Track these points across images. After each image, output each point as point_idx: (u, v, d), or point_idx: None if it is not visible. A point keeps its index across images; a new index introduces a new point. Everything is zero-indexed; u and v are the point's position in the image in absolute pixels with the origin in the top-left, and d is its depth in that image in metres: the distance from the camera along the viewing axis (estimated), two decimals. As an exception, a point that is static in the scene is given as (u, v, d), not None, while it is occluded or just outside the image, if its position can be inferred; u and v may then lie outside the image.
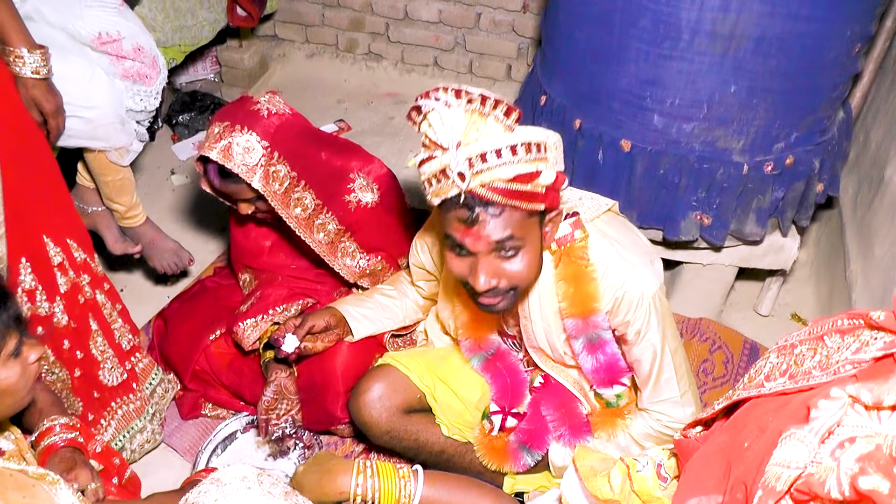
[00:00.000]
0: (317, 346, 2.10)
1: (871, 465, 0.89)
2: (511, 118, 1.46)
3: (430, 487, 1.57)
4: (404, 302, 2.24)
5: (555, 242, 1.74)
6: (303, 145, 2.11)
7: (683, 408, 1.85)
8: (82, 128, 2.12)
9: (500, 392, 2.04)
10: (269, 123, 2.03)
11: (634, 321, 1.76)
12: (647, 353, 1.80)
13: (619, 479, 1.64)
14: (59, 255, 1.94)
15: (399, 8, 3.86)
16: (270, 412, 2.13)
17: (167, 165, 3.48)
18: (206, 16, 3.21)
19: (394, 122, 3.78)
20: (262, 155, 2.00)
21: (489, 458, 2.01)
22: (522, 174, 1.48)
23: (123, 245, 2.53)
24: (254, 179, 1.99)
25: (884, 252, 2.40)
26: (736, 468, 1.13)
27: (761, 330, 2.78)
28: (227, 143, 1.98)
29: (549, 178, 1.51)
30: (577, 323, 1.80)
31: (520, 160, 1.48)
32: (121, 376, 2.15)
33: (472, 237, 1.55)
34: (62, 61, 1.97)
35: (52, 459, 1.65)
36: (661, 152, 2.27)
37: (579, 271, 1.74)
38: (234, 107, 2.09)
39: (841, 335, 1.09)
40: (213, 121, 2.05)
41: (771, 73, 2.10)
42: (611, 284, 1.74)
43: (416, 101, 1.50)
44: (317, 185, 2.14)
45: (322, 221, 2.18)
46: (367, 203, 2.24)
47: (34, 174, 1.87)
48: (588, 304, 1.76)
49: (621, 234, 1.82)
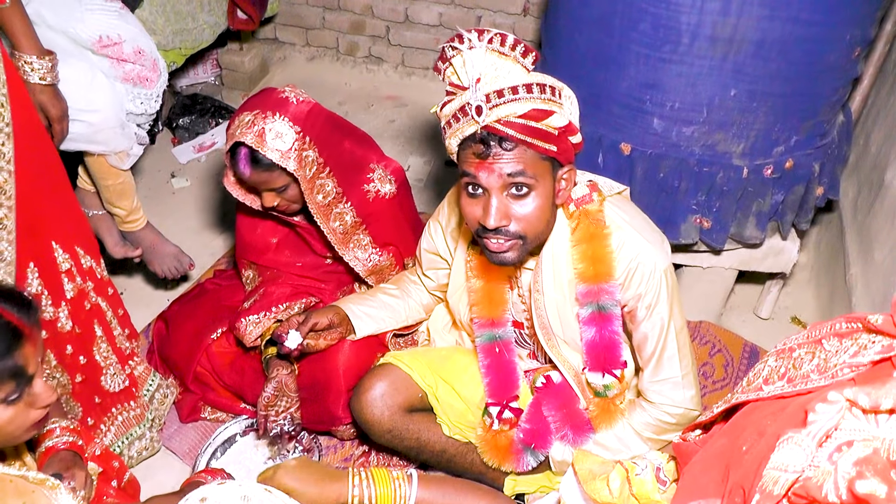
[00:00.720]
0: (319, 344, 2.10)
1: (869, 468, 0.89)
2: (528, 59, 1.59)
3: (426, 490, 1.57)
4: (407, 301, 2.24)
5: (573, 203, 1.80)
6: (329, 132, 2.13)
7: (683, 390, 1.85)
8: (83, 131, 2.13)
9: (492, 385, 2.02)
10: (299, 109, 2.05)
11: (646, 293, 1.79)
12: (654, 328, 1.82)
13: (617, 482, 1.64)
14: (67, 262, 1.94)
15: (399, 11, 3.86)
16: (270, 409, 2.13)
17: (167, 169, 3.49)
18: (207, 19, 3.21)
19: (394, 124, 3.78)
20: (295, 139, 2.01)
21: (491, 456, 2.01)
22: (536, 110, 1.57)
23: (124, 249, 2.54)
24: (288, 164, 2.00)
25: (884, 256, 2.40)
26: (734, 472, 1.13)
27: (761, 333, 2.78)
28: (260, 128, 1.98)
29: (560, 121, 1.61)
30: (589, 288, 1.81)
31: (534, 98, 1.58)
32: (122, 383, 2.15)
33: (486, 171, 1.63)
34: (63, 65, 1.97)
35: (50, 461, 1.65)
36: (661, 156, 2.27)
37: (596, 232, 1.79)
38: (260, 96, 2.09)
39: (839, 339, 1.09)
40: (241, 110, 2.05)
41: (771, 77, 2.11)
42: (625, 256, 1.78)
43: (442, 48, 1.64)
44: (339, 173, 2.15)
45: (340, 211, 2.19)
46: (385, 194, 2.26)
47: (45, 179, 1.87)
48: (602, 266, 1.79)
49: (634, 212, 1.89)
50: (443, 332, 2.24)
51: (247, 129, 1.99)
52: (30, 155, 1.78)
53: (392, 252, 2.35)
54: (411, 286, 2.26)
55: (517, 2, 3.65)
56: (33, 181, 1.81)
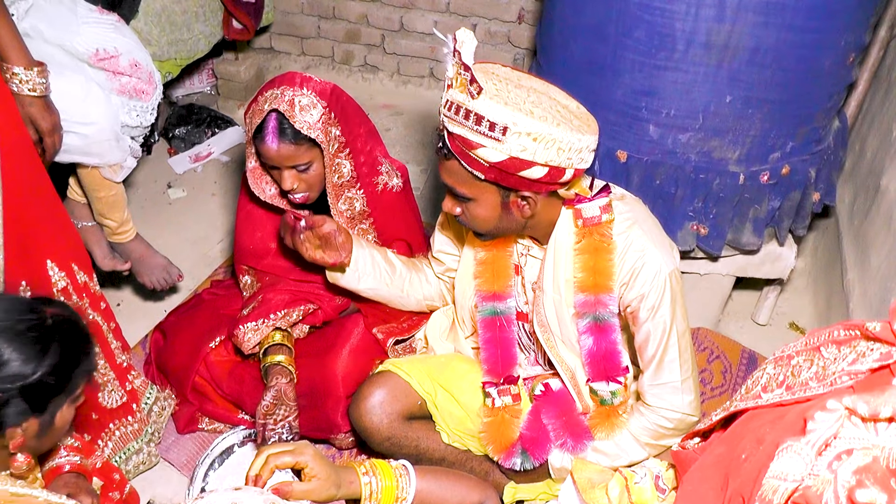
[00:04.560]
0: (315, 254, 2.06)
1: (869, 477, 0.89)
2: (473, 87, 1.58)
3: (422, 480, 1.56)
4: (413, 273, 2.23)
5: (581, 220, 1.79)
6: (350, 113, 2.13)
7: (682, 395, 1.84)
8: (77, 143, 2.12)
9: (490, 361, 2.01)
10: (323, 87, 2.06)
11: (649, 294, 1.78)
12: (656, 330, 1.81)
13: (616, 490, 1.64)
14: (63, 280, 1.92)
15: (394, 19, 3.87)
16: (268, 417, 2.12)
17: (164, 179, 3.48)
18: (202, 29, 3.22)
19: (390, 133, 3.78)
20: (322, 113, 2.01)
21: (494, 441, 2.00)
22: (463, 138, 1.62)
23: (113, 262, 2.53)
24: (317, 135, 2.00)
25: (880, 261, 2.41)
26: (733, 480, 1.13)
27: (759, 339, 2.79)
28: (290, 97, 1.99)
29: (494, 156, 1.60)
30: (588, 298, 1.82)
31: (466, 126, 1.60)
32: (120, 399, 2.13)
33: (440, 168, 1.74)
34: (59, 78, 1.96)
35: (55, 482, 1.65)
36: (657, 163, 2.28)
37: (601, 246, 1.79)
38: (281, 77, 2.08)
39: (837, 346, 1.09)
40: (265, 88, 2.05)
41: (766, 84, 2.11)
42: (631, 256, 1.79)
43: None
44: (356, 157, 2.15)
45: (352, 195, 2.19)
46: (394, 187, 2.27)
47: (36, 196, 1.85)
48: (603, 277, 1.79)
49: (646, 215, 1.89)
50: (441, 339, 2.24)
51: (278, 99, 1.99)
52: (18, 173, 1.77)
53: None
54: (416, 274, 2.25)
55: (512, 10, 3.66)
56: (22, 199, 1.79)
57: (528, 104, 1.60)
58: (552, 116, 1.60)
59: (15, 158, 1.76)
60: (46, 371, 1.33)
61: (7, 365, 1.30)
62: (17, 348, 1.31)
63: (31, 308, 1.37)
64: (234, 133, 3.70)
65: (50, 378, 1.34)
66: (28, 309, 1.36)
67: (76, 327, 1.43)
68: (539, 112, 1.59)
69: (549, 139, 1.58)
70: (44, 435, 1.41)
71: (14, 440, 1.34)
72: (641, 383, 1.89)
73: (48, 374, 1.34)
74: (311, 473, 1.41)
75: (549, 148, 1.59)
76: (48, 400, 1.37)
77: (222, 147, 3.64)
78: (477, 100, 1.57)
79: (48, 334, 1.36)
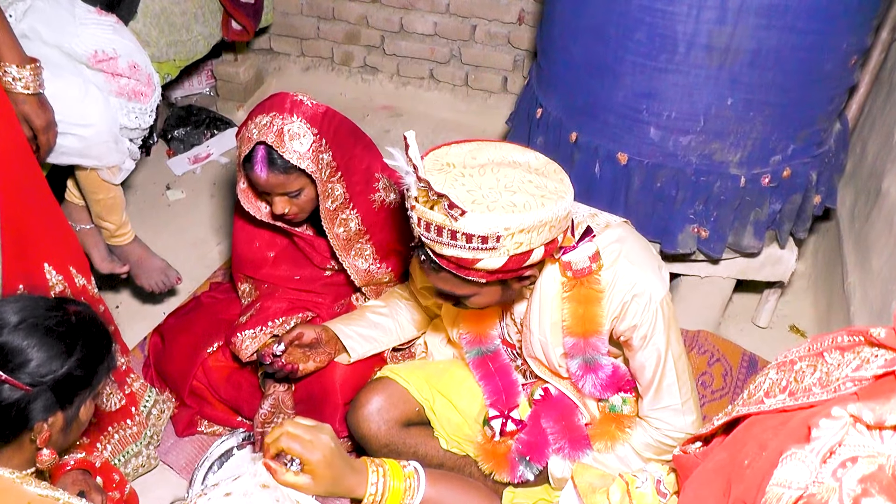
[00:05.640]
0: (308, 367, 2.09)
1: (874, 485, 0.88)
2: (454, 211, 1.45)
3: (431, 487, 1.55)
4: (397, 319, 2.23)
5: (570, 271, 1.73)
6: (343, 136, 2.11)
7: (684, 416, 1.84)
8: (76, 146, 2.11)
9: (491, 394, 2.02)
10: (314, 111, 2.02)
11: (641, 325, 1.76)
12: (651, 358, 1.80)
13: (617, 495, 1.63)
14: (60, 283, 1.92)
15: (394, 21, 3.86)
16: (266, 425, 2.12)
17: (162, 181, 3.48)
18: (201, 30, 3.21)
19: (389, 135, 3.78)
20: (313, 141, 1.98)
21: (488, 464, 1.99)
22: (457, 257, 1.53)
23: (111, 265, 2.52)
24: (308, 165, 1.98)
25: (881, 264, 2.40)
26: (736, 487, 1.12)
27: (760, 342, 2.78)
28: (279, 128, 1.96)
29: (492, 264, 1.53)
30: (577, 342, 1.80)
31: (457, 246, 1.51)
32: (119, 402, 2.13)
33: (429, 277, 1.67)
34: (57, 79, 1.96)
35: (63, 480, 1.67)
36: (658, 165, 2.27)
37: (590, 295, 1.75)
38: (272, 100, 2.05)
39: (841, 352, 1.08)
40: (255, 114, 2.02)
41: (767, 86, 2.10)
42: (619, 290, 1.75)
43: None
44: (348, 178, 2.13)
45: (346, 217, 2.17)
46: (391, 203, 2.25)
47: (33, 199, 1.85)
48: (591, 325, 1.77)
49: (632, 239, 1.82)
50: (441, 345, 2.23)
51: (266, 129, 1.96)
52: (15, 176, 1.76)
53: (392, 266, 2.34)
54: (401, 302, 2.25)
55: (512, 11, 3.65)
56: (19, 202, 1.78)
57: (505, 195, 1.51)
58: (531, 196, 1.53)
59: (11, 161, 1.75)
60: (74, 365, 1.38)
61: (37, 359, 1.34)
62: (46, 344, 1.35)
63: (55, 306, 1.41)
64: (234, 135, 3.68)
65: (78, 371, 1.38)
66: (52, 307, 1.41)
67: (98, 324, 1.47)
68: (519, 199, 1.51)
69: (540, 225, 1.53)
70: (68, 429, 1.45)
71: (42, 434, 1.37)
72: (642, 409, 1.89)
73: (76, 368, 1.38)
74: (309, 470, 1.41)
75: (541, 232, 1.54)
76: (75, 394, 1.41)
77: (221, 149, 3.63)
78: (460, 221, 1.47)
79: (74, 330, 1.40)
